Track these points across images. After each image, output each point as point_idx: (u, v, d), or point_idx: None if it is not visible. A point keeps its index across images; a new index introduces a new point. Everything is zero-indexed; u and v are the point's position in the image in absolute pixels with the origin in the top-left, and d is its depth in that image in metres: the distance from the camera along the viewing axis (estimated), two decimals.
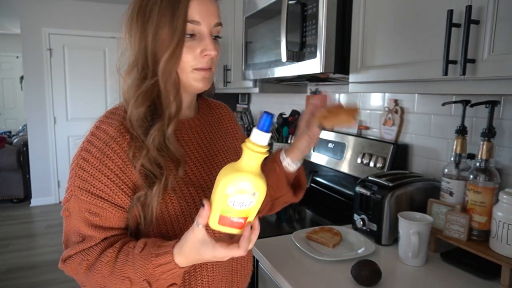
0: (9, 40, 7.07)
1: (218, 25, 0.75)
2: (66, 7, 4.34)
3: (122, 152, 0.71)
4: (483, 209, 0.98)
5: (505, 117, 1.08)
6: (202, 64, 0.74)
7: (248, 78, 1.83)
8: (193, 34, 0.72)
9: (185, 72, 0.74)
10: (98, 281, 0.71)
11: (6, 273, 2.91)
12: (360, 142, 1.55)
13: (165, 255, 0.65)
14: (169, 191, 0.73)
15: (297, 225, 1.37)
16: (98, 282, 0.71)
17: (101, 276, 0.71)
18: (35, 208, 4.40)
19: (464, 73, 0.77)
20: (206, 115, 0.89)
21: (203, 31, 0.72)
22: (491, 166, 0.99)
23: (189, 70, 0.74)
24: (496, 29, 0.73)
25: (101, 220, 0.72)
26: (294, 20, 1.29)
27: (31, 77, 4.32)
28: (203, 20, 0.71)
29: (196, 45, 0.72)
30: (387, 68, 1.02)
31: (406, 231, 1.01)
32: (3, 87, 7.49)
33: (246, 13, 1.77)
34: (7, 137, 4.93)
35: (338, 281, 0.94)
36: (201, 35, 0.72)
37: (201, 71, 0.74)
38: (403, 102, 1.45)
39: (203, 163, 0.81)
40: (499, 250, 0.92)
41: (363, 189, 1.20)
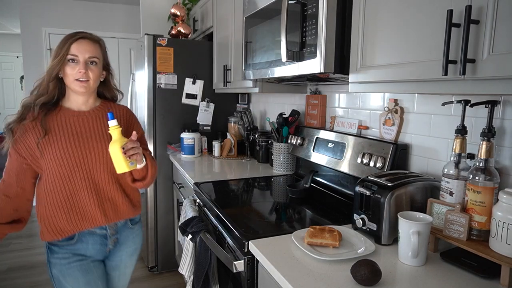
0: (9, 40, 7.07)
1: (92, 57, 1.32)
2: (66, 7, 4.34)
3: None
4: (483, 209, 0.98)
5: (505, 117, 1.08)
6: (77, 77, 1.29)
7: (248, 78, 1.83)
8: (75, 61, 1.29)
9: (71, 82, 1.30)
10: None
11: (7, 272, 2.91)
12: (360, 142, 1.55)
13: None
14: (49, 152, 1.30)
15: (297, 225, 1.37)
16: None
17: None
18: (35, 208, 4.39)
19: (464, 73, 0.77)
20: (99, 110, 1.41)
21: (79, 60, 1.29)
22: (491, 166, 0.99)
23: (72, 80, 1.30)
24: (496, 29, 0.74)
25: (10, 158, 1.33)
26: (294, 20, 1.29)
27: (31, 77, 4.31)
28: (79, 54, 1.29)
29: (75, 66, 1.29)
30: (387, 68, 1.02)
31: (406, 231, 1.01)
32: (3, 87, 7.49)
33: (246, 13, 1.77)
34: None
35: (338, 281, 0.94)
36: (79, 61, 1.29)
37: (78, 82, 1.30)
38: (403, 102, 1.45)
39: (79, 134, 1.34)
40: (498, 250, 0.92)
41: (363, 188, 1.20)
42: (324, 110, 1.97)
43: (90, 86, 1.32)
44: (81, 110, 1.37)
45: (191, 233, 1.54)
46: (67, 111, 1.35)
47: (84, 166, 1.33)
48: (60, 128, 1.32)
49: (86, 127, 1.35)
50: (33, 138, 1.28)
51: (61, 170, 1.30)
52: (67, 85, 1.32)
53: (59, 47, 1.29)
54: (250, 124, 2.64)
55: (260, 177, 2.08)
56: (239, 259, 1.20)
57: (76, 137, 1.32)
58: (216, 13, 2.64)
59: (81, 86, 1.30)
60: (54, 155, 1.29)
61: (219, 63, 2.64)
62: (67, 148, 1.30)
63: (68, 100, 1.37)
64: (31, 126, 1.28)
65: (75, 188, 1.33)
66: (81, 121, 1.35)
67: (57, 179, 1.31)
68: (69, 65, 1.29)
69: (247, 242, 1.18)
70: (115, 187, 1.40)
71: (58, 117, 1.33)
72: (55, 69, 1.28)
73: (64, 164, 1.30)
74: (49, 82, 1.29)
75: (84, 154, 1.33)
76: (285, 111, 2.25)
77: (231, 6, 2.28)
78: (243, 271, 1.19)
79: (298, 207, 1.58)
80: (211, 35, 2.80)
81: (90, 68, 1.31)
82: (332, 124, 1.88)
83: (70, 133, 1.32)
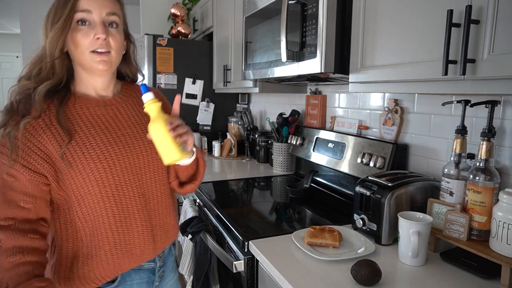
0: (9, 40, 7.07)
1: (111, 14, 0.89)
2: None
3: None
4: (483, 209, 0.98)
5: (505, 117, 1.08)
6: (95, 46, 0.87)
7: (248, 78, 1.83)
8: (88, 22, 0.87)
9: (84, 55, 0.87)
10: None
11: None
12: (360, 142, 1.55)
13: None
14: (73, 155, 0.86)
15: (297, 225, 1.37)
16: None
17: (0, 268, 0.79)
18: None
19: (464, 73, 0.77)
20: (126, 96, 1.02)
21: (95, 19, 0.86)
22: (491, 166, 0.99)
23: (87, 53, 0.87)
24: (496, 29, 0.74)
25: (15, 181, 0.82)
26: (294, 20, 1.29)
27: None
28: (93, 9, 0.86)
29: (90, 31, 0.86)
30: (387, 68, 1.02)
31: (406, 231, 1.01)
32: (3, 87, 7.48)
33: (246, 13, 1.77)
34: None
35: (338, 281, 0.94)
36: (94, 22, 0.87)
37: (97, 54, 0.88)
38: (403, 102, 1.45)
39: (112, 131, 0.93)
40: (499, 250, 0.92)
41: (363, 189, 1.20)
42: (324, 110, 1.97)
43: (112, 61, 0.91)
44: (104, 97, 0.96)
45: (191, 233, 1.54)
46: (85, 100, 0.93)
47: (133, 178, 0.94)
48: (87, 124, 0.90)
49: (121, 121, 0.96)
50: (51, 144, 0.84)
51: (103, 188, 0.88)
52: (77, 62, 0.90)
53: (58, 3, 0.86)
54: (250, 124, 2.64)
55: (260, 177, 2.08)
56: (239, 259, 1.20)
57: (112, 137, 0.92)
58: (216, 13, 2.64)
59: (101, 61, 0.88)
60: (91, 167, 0.87)
61: (219, 63, 2.64)
62: (107, 153, 0.89)
63: (81, 84, 0.94)
64: (43, 125, 0.85)
65: (123, 213, 0.92)
66: (111, 113, 0.95)
67: (95, 203, 0.89)
68: (78, 30, 0.86)
69: (247, 242, 1.18)
70: (167, 203, 1.03)
71: (76, 108, 0.91)
72: (59, 38, 0.85)
73: (107, 178, 0.89)
74: (54, 59, 0.87)
75: (130, 160, 0.93)
76: (285, 111, 2.25)
77: (231, 6, 2.28)
78: (243, 271, 1.19)
79: (298, 207, 1.58)
80: (211, 35, 2.80)
81: (111, 32, 0.88)
82: (332, 124, 1.88)
83: (103, 131, 0.91)
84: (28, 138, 0.83)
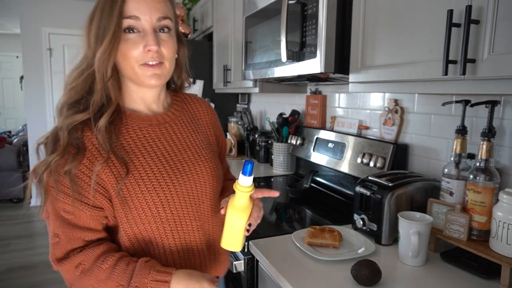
0: (9, 40, 7.07)
1: (163, 19, 0.76)
2: (66, 7, 4.34)
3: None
4: (483, 209, 0.98)
5: (505, 117, 1.08)
6: (146, 60, 0.75)
7: (248, 78, 1.83)
8: (137, 30, 0.74)
9: (133, 68, 0.76)
10: (92, 284, 0.74)
11: (6, 272, 2.91)
12: (360, 142, 1.55)
13: (165, 274, 0.71)
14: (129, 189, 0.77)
15: (297, 225, 1.37)
16: (91, 285, 0.74)
17: (96, 280, 0.73)
18: (35, 208, 4.40)
19: (464, 73, 0.77)
20: (179, 111, 0.91)
21: (144, 27, 0.74)
22: (491, 166, 0.99)
23: (136, 66, 0.76)
24: (496, 29, 0.73)
25: (76, 218, 0.75)
26: (294, 20, 1.29)
27: (31, 77, 4.32)
28: (142, 15, 0.73)
29: (140, 40, 0.74)
30: (387, 68, 1.02)
31: (406, 231, 1.01)
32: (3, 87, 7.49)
33: (246, 13, 1.77)
34: (7, 137, 4.93)
35: (338, 281, 0.94)
36: (144, 30, 0.74)
37: (148, 67, 0.76)
38: (403, 102, 1.45)
39: (169, 157, 0.82)
40: (499, 250, 0.92)
41: (363, 189, 1.20)
42: (324, 110, 1.97)
43: (165, 73, 0.80)
44: (156, 113, 0.85)
45: None
46: (137, 118, 0.82)
47: (192, 210, 0.84)
48: (142, 151, 0.80)
49: (176, 144, 0.85)
50: (107, 178, 0.75)
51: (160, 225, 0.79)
52: (125, 74, 0.79)
53: (103, 7, 0.73)
54: (250, 124, 2.63)
55: (260, 177, 2.08)
56: (239, 259, 1.20)
57: (169, 165, 0.81)
58: (216, 13, 2.64)
59: (153, 75, 0.77)
60: (147, 202, 0.77)
61: (219, 63, 2.64)
62: (165, 184, 0.79)
63: (129, 97, 0.83)
64: (99, 157, 0.75)
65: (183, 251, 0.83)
66: (166, 133, 0.84)
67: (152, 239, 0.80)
68: (126, 39, 0.74)
69: (247, 242, 1.18)
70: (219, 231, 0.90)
71: (128, 130, 0.80)
72: (111, 56, 0.73)
73: (165, 212, 0.79)
74: (107, 81, 0.76)
75: (188, 190, 0.83)
76: (285, 111, 2.25)
77: (231, 6, 2.28)
78: (243, 271, 1.19)
79: (298, 207, 1.58)
80: (211, 35, 2.80)
81: (163, 40, 0.77)
82: (332, 124, 1.88)
83: (159, 158, 0.81)
84: (86, 174, 0.74)
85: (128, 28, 0.74)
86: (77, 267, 0.74)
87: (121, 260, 0.74)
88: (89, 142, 0.76)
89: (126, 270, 0.72)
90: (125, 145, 0.79)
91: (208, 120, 0.97)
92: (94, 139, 0.76)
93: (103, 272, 0.73)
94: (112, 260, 0.74)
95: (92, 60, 0.75)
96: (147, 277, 0.70)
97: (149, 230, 0.79)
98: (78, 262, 0.74)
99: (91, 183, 0.74)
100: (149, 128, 0.83)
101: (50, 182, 0.74)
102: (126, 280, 0.72)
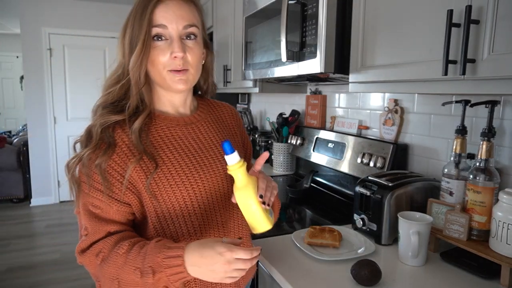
0: (9, 40, 7.07)
1: (189, 26, 0.80)
2: (66, 7, 4.34)
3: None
4: (483, 209, 0.98)
5: (505, 117, 1.08)
6: (173, 66, 0.80)
7: (248, 78, 1.83)
8: (164, 38, 0.79)
9: (161, 73, 0.81)
10: (112, 272, 0.74)
11: (6, 272, 2.91)
12: (360, 142, 1.55)
13: (176, 249, 0.70)
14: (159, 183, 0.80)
15: (297, 225, 1.37)
16: (112, 273, 0.74)
17: (115, 267, 0.74)
18: (35, 208, 4.40)
19: (464, 73, 0.77)
20: (204, 113, 0.95)
21: (171, 34, 0.79)
22: (491, 166, 0.99)
23: (164, 72, 0.81)
24: (496, 29, 0.73)
25: (103, 212, 0.78)
26: (294, 20, 1.29)
27: (31, 77, 4.32)
28: (169, 24, 0.78)
29: (167, 48, 0.79)
30: (387, 68, 1.02)
31: (406, 231, 1.01)
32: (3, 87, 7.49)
33: (246, 13, 1.77)
34: (7, 137, 4.93)
35: (338, 281, 0.94)
36: (171, 38, 0.79)
37: (175, 73, 0.81)
38: (403, 102, 1.45)
39: (196, 154, 0.87)
40: (499, 250, 0.92)
41: (363, 189, 1.20)
42: (324, 110, 1.97)
43: (190, 79, 0.84)
44: (182, 115, 0.90)
45: None
46: (165, 119, 0.87)
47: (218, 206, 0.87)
48: (170, 147, 0.84)
49: (202, 142, 0.89)
50: (137, 174, 0.78)
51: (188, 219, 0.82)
52: (154, 79, 0.84)
53: (134, 16, 0.78)
54: (250, 124, 2.63)
55: None
56: None
57: (196, 161, 0.85)
58: (216, 13, 2.64)
59: (180, 80, 0.81)
60: (176, 196, 0.80)
61: (219, 63, 2.64)
62: (193, 179, 0.83)
63: (159, 101, 0.88)
64: (129, 154, 0.79)
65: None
66: (192, 133, 0.89)
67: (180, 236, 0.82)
68: (155, 46, 0.79)
69: None
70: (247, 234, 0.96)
71: (157, 129, 0.85)
72: (143, 63, 0.79)
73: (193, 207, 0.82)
74: (141, 87, 0.81)
75: (215, 186, 0.86)
76: (285, 111, 2.25)
77: (231, 6, 2.28)
78: None
79: (298, 207, 1.58)
80: (211, 35, 2.80)
81: (188, 47, 0.81)
82: (332, 124, 1.88)
83: (186, 154, 0.85)
84: (116, 170, 0.78)
85: (156, 35, 0.79)
86: (97, 256, 0.76)
87: (136, 244, 0.75)
88: (120, 139, 0.80)
89: (140, 253, 0.72)
90: (154, 142, 0.83)
91: (234, 122, 1.02)
92: (125, 137, 0.80)
93: (119, 258, 0.73)
94: (127, 244, 0.75)
95: (127, 67, 0.80)
96: (159, 255, 0.69)
97: (177, 225, 0.81)
98: (98, 251, 0.76)
99: (124, 181, 0.77)
100: (177, 127, 0.87)
101: (83, 177, 0.78)
102: (140, 262, 0.71)
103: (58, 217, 4.13)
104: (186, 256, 0.68)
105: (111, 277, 0.75)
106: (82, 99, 4.50)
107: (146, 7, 0.77)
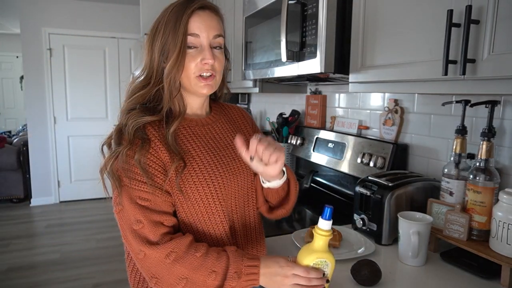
0: (9, 40, 7.07)
1: (218, 36, 0.87)
2: (66, 7, 4.34)
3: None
4: (483, 209, 0.98)
5: (505, 117, 1.08)
6: (202, 71, 0.86)
7: (248, 78, 1.83)
8: (195, 46, 0.85)
9: (190, 78, 0.86)
10: (184, 272, 0.77)
11: (6, 272, 2.91)
12: (360, 142, 1.55)
13: (255, 260, 0.79)
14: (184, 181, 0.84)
15: (297, 225, 1.37)
16: (183, 273, 0.77)
17: (190, 268, 0.77)
18: (35, 208, 4.40)
19: (464, 73, 0.77)
20: (218, 115, 1.01)
21: (202, 43, 0.85)
22: (491, 166, 0.99)
23: (193, 77, 0.86)
24: (496, 29, 0.73)
25: (152, 204, 0.81)
26: (294, 20, 1.29)
27: (31, 77, 4.32)
28: (201, 33, 0.84)
29: (197, 55, 0.85)
30: (387, 68, 1.02)
31: (406, 231, 1.01)
32: (3, 87, 7.49)
33: (246, 13, 1.77)
34: (7, 137, 4.93)
35: (338, 281, 0.94)
36: (201, 46, 0.85)
37: (202, 79, 0.87)
38: (403, 102, 1.45)
39: (215, 152, 0.92)
40: (499, 250, 0.92)
41: (363, 189, 1.20)
42: (324, 110, 1.97)
43: (215, 84, 0.90)
44: (201, 117, 0.96)
45: None
46: (185, 119, 0.92)
47: (236, 202, 0.93)
48: (193, 145, 0.89)
49: (219, 142, 0.94)
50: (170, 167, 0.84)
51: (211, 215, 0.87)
52: (182, 84, 0.89)
53: (167, 23, 0.84)
54: None
55: None
56: None
57: (216, 158, 0.90)
58: None
59: (206, 85, 0.87)
60: (199, 192, 0.85)
61: None
62: (214, 176, 0.88)
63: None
64: (159, 145, 0.84)
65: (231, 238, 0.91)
66: (209, 133, 0.94)
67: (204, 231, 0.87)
68: (186, 53, 0.84)
69: None
70: (261, 230, 1.01)
71: (179, 127, 0.90)
72: (179, 72, 0.84)
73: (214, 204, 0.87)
74: (176, 95, 0.87)
75: (233, 183, 0.92)
76: (285, 111, 2.25)
77: (231, 6, 2.28)
78: None
79: (298, 207, 1.58)
80: None
81: (216, 55, 0.87)
82: (332, 124, 1.88)
83: (207, 152, 0.90)
84: (155, 161, 0.82)
85: (191, 44, 0.85)
86: (168, 256, 0.77)
87: (210, 249, 0.80)
88: (152, 135, 0.84)
89: (218, 258, 0.78)
90: (177, 139, 0.87)
91: (246, 123, 1.07)
92: (156, 133, 0.84)
93: (196, 260, 0.78)
94: (204, 248, 0.79)
95: (157, 71, 0.86)
96: (242, 263, 0.78)
97: (202, 221, 0.86)
98: (169, 251, 0.77)
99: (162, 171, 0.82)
100: (196, 127, 0.93)
101: (122, 174, 0.81)
102: (220, 267, 0.77)
103: (58, 217, 4.13)
104: (261, 268, 0.78)
105: (179, 276, 0.77)
106: (82, 99, 4.50)
107: (180, 17, 0.83)
